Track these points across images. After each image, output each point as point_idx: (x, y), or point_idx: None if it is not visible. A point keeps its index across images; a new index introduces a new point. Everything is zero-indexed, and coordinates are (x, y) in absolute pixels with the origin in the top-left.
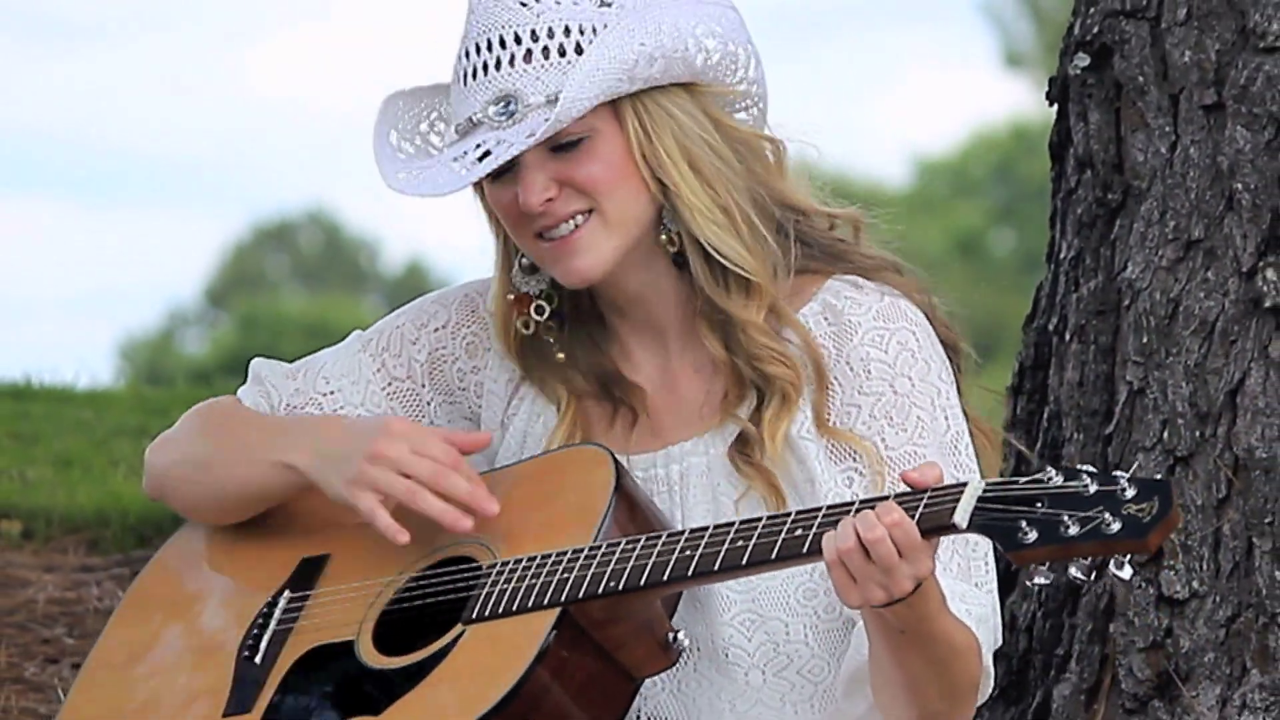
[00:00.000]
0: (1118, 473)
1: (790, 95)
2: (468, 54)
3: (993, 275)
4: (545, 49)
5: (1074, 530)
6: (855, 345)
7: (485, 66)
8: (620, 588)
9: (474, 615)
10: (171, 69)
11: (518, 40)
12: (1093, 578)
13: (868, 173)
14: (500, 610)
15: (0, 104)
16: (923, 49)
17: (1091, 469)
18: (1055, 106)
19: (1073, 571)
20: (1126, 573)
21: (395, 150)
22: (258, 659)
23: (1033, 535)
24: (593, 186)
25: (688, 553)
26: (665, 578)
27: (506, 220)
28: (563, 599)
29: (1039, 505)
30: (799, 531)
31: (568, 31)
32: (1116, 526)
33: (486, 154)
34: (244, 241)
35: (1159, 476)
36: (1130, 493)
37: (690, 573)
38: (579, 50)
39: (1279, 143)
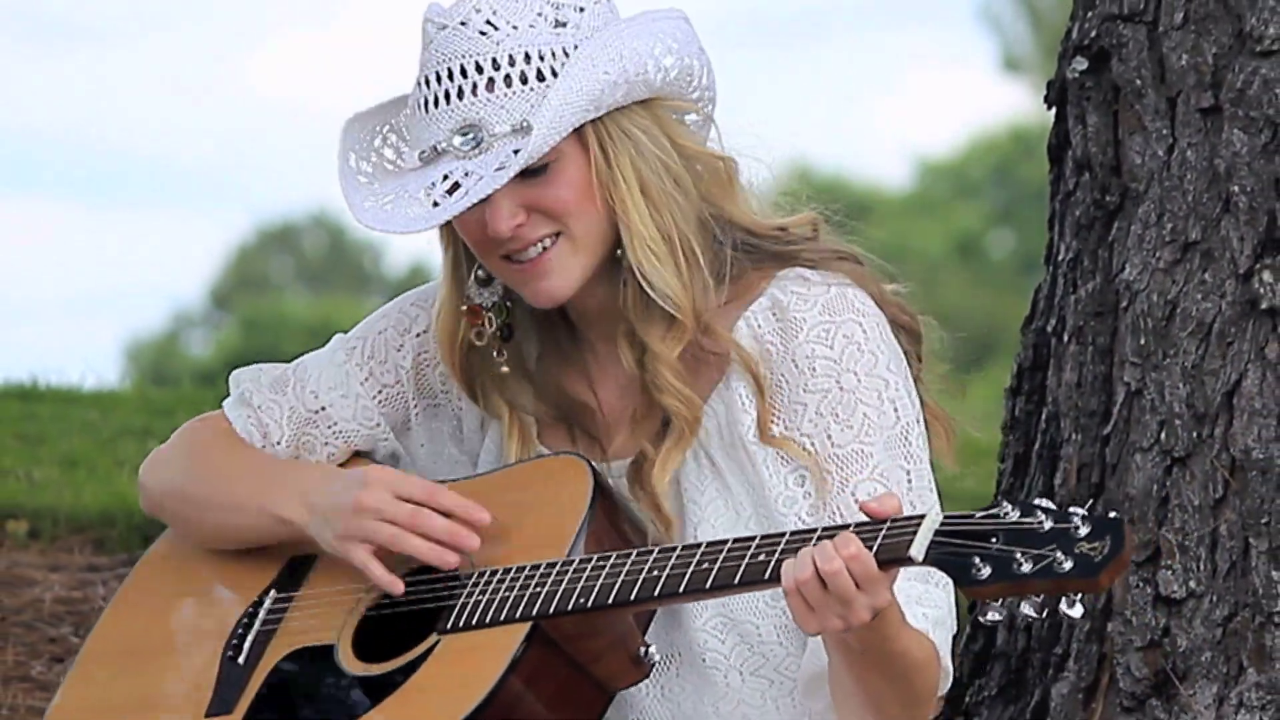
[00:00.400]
0: (1073, 509)
1: (792, 97)
2: (428, 82)
3: (992, 277)
4: (507, 77)
5: (1026, 568)
6: (800, 342)
7: (447, 95)
8: (589, 605)
9: (449, 626)
10: (175, 70)
11: (479, 69)
12: (1044, 614)
13: (867, 174)
14: (474, 622)
15: (4, 105)
16: (922, 52)
17: (1049, 505)
18: (1053, 109)
19: (1025, 609)
20: (1077, 611)
21: (356, 173)
22: (241, 659)
23: (986, 571)
24: (561, 210)
25: (655, 573)
26: (633, 597)
27: (472, 243)
28: (534, 614)
29: (994, 540)
30: (762, 557)
31: (528, 59)
32: (1068, 565)
33: (455, 186)
34: (248, 243)
35: (1114, 514)
36: (1084, 530)
37: (657, 593)
38: (540, 77)
39: (1275, 145)
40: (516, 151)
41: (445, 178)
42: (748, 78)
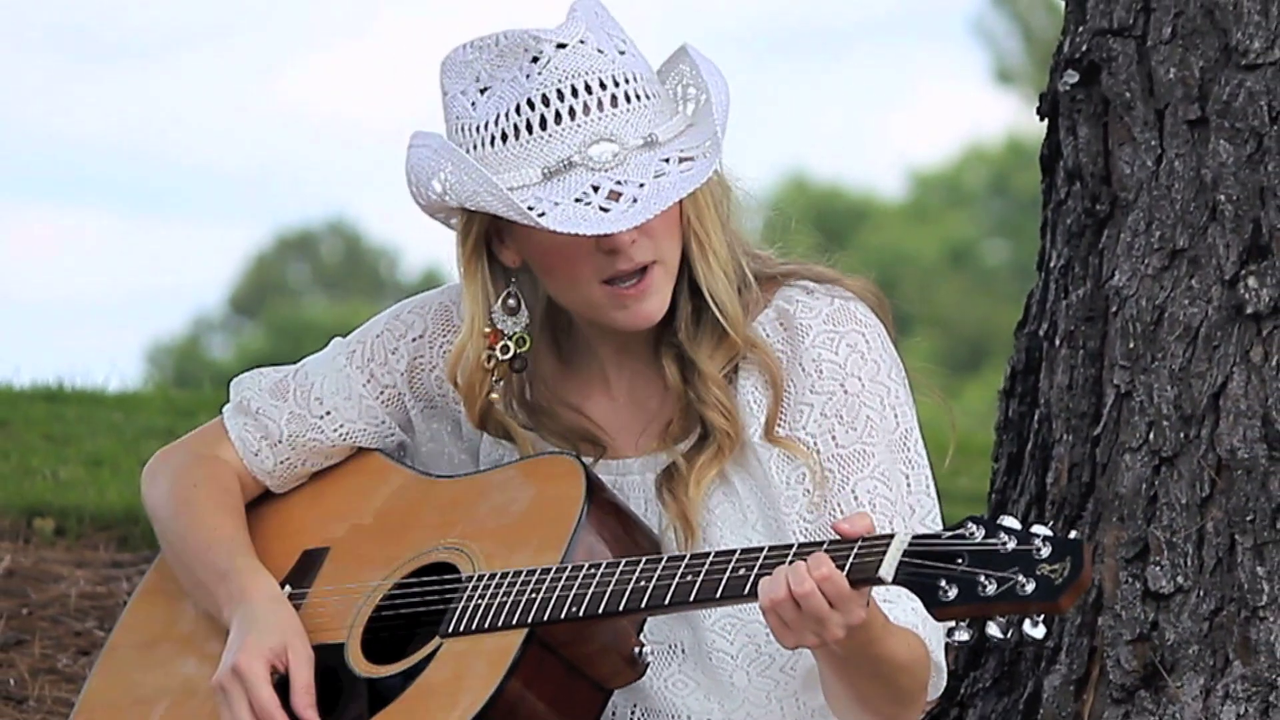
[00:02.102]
0: (1035, 529)
1: (794, 110)
2: (546, 100)
3: (986, 283)
4: (627, 95)
5: (991, 590)
6: (807, 347)
7: (571, 111)
8: (581, 614)
9: (450, 629)
10: (214, 86)
11: (603, 85)
12: (1009, 635)
13: (863, 184)
14: (474, 626)
15: (50, 118)
16: (917, 66)
17: (1013, 525)
18: (1046, 121)
19: (991, 630)
20: (1039, 631)
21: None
22: None
23: (953, 593)
24: (662, 233)
25: (642, 584)
26: (621, 608)
27: (569, 262)
28: (529, 620)
29: (959, 562)
30: (742, 571)
31: (629, 80)
32: (1030, 588)
33: (614, 194)
34: (267, 251)
35: (1074, 535)
36: (1045, 552)
37: (644, 605)
38: (640, 96)
39: (1260, 156)
40: (666, 160)
41: (596, 189)
42: (756, 93)
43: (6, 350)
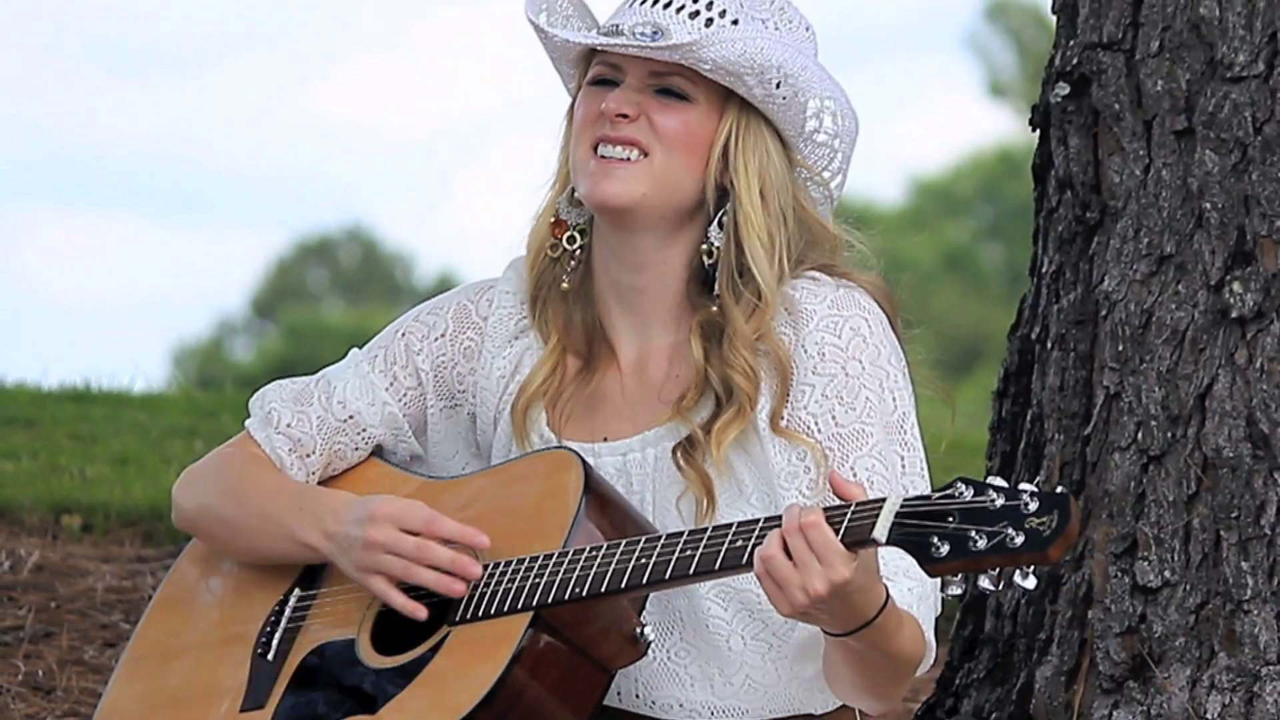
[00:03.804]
0: (1023, 486)
1: None
2: None
3: (980, 288)
4: (709, 20)
5: (981, 544)
6: (810, 331)
7: (655, 0)
8: (584, 594)
9: (457, 618)
10: (248, 97)
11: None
12: (1000, 587)
13: (863, 191)
14: (480, 613)
15: (87, 128)
16: (915, 78)
17: (1000, 483)
18: (1037, 132)
19: (983, 583)
20: (1030, 582)
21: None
22: (270, 656)
23: (944, 549)
24: (662, 136)
25: (642, 561)
26: (623, 585)
27: (580, 125)
28: (534, 604)
29: (950, 520)
30: (739, 543)
31: (723, 14)
32: (1020, 540)
33: (611, 29)
34: (286, 256)
35: (1060, 489)
36: (1032, 506)
37: (645, 580)
38: (734, 21)
39: (1245, 165)
40: (685, 42)
41: (605, 34)
42: None
43: (35, 352)
